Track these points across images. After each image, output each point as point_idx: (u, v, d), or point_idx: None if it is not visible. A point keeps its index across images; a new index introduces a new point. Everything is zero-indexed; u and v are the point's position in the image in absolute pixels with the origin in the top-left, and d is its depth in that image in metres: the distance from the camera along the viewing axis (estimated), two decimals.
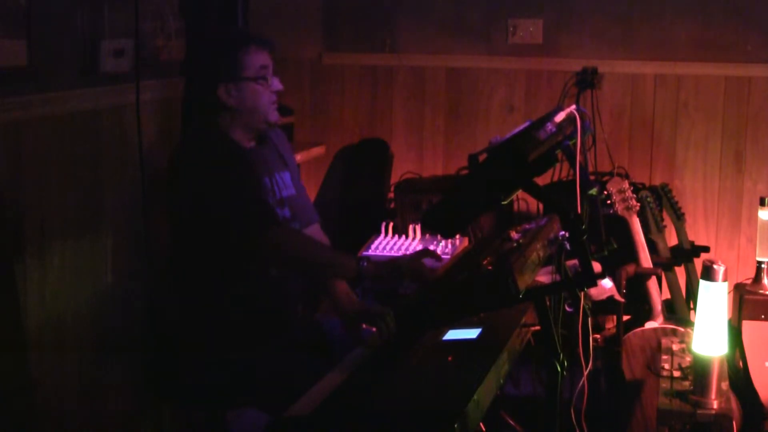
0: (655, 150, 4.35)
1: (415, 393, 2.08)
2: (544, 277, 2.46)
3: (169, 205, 2.87)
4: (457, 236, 3.52)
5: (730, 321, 3.33)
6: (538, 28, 4.40)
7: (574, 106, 2.41)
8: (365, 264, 2.71)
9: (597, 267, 2.26)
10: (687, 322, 3.55)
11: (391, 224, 3.61)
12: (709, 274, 2.60)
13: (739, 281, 3.72)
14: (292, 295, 3.00)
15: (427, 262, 2.84)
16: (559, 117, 2.33)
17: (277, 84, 2.87)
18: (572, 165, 2.25)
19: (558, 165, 2.50)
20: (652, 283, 3.56)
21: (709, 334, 2.59)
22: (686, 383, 2.69)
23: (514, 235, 2.35)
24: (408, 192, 4.12)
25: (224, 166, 2.73)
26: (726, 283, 2.61)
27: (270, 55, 2.87)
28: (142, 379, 2.96)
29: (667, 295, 3.72)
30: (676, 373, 2.76)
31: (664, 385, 2.71)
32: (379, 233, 3.58)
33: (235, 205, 2.66)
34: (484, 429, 2.37)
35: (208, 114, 2.84)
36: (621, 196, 3.55)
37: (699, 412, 2.56)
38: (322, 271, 2.76)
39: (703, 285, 2.61)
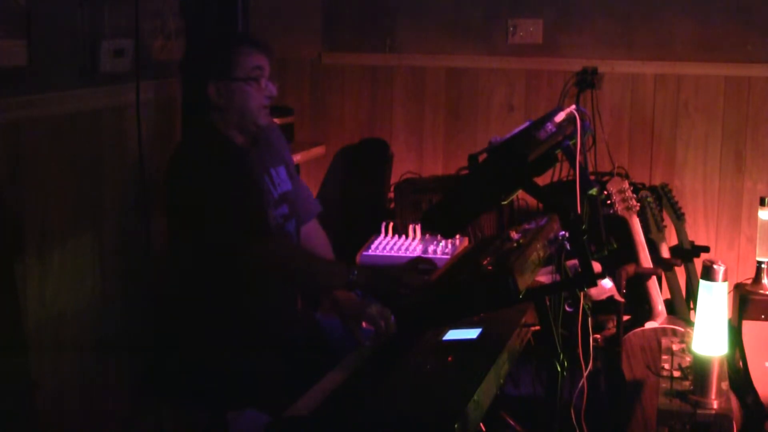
0: (655, 150, 4.35)
1: (415, 393, 2.09)
2: (544, 277, 2.46)
3: (167, 204, 2.87)
4: (457, 236, 3.53)
5: (730, 321, 3.33)
6: (538, 28, 4.40)
7: (574, 106, 2.41)
8: (356, 273, 2.66)
9: (597, 267, 2.26)
10: (687, 322, 3.55)
11: (391, 224, 3.61)
12: (709, 274, 2.60)
13: (739, 281, 3.72)
14: (291, 294, 3.00)
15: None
16: (559, 117, 2.33)
17: (271, 89, 2.82)
18: (572, 165, 2.25)
19: (558, 165, 2.50)
20: (652, 283, 3.56)
21: (709, 334, 2.59)
22: (686, 383, 2.69)
23: (514, 235, 2.35)
24: (408, 192, 4.13)
25: (218, 171, 2.70)
26: (726, 283, 2.61)
27: (267, 59, 2.84)
28: (142, 379, 2.96)
29: (667, 295, 3.72)
30: (676, 373, 2.76)
31: (664, 385, 2.71)
32: (379, 233, 3.59)
33: (226, 216, 2.63)
34: (484, 429, 2.37)
35: (204, 113, 2.83)
36: (621, 196, 3.55)
37: (699, 412, 2.56)
38: (313, 282, 2.76)
39: (703, 285, 2.61)
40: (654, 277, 3.56)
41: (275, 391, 2.56)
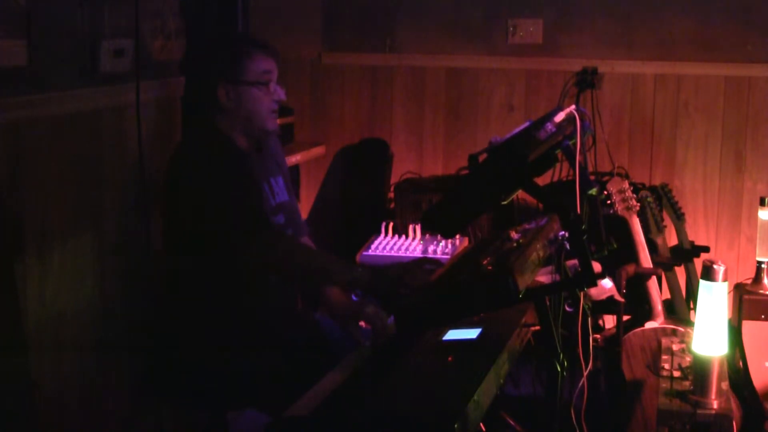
0: (655, 150, 4.35)
1: (415, 393, 2.09)
2: (544, 277, 2.46)
3: (166, 204, 2.87)
4: (457, 236, 3.53)
5: (730, 321, 3.33)
6: (538, 28, 4.40)
7: (574, 106, 2.41)
8: (360, 270, 2.68)
9: (597, 267, 2.27)
10: (687, 322, 3.55)
11: (391, 224, 3.61)
12: (709, 274, 2.60)
13: (739, 281, 3.72)
14: (291, 294, 3.00)
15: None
16: (559, 117, 2.34)
17: (280, 93, 2.84)
18: (572, 165, 2.25)
19: (558, 165, 2.50)
20: (652, 283, 3.56)
21: (709, 334, 2.59)
22: (686, 383, 2.69)
23: (514, 235, 2.35)
24: (408, 192, 4.13)
25: (219, 170, 2.70)
26: (726, 283, 2.61)
27: (275, 63, 2.85)
28: (142, 380, 2.96)
29: (667, 295, 3.72)
30: (676, 373, 2.76)
31: (664, 385, 2.71)
32: (379, 233, 3.59)
33: (227, 210, 2.63)
34: (484, 429, 2.37)
35: (207, 114, 2.83)
36: (621, 196, 3.55)
37: (699, 412, 2.56)
38: (315, 278, 2.76)
39: (703, 285, 2.61)
40: (654, 277, 3.57)
41: (275, 391, 2.56)
